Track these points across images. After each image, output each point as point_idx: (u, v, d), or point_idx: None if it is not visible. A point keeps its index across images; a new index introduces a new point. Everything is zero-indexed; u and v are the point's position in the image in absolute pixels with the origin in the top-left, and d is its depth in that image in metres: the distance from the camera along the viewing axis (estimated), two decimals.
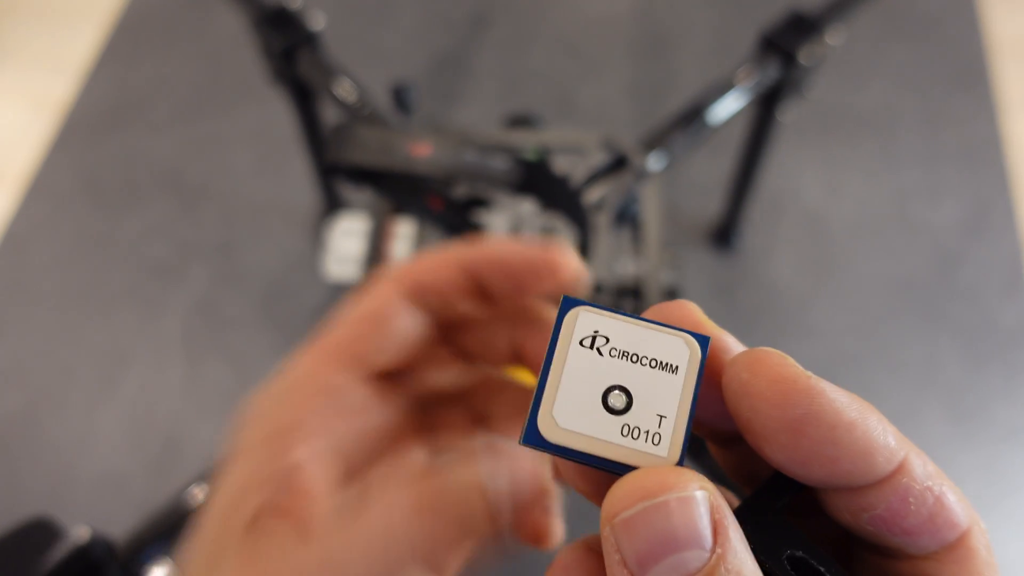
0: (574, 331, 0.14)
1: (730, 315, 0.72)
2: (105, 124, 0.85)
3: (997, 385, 0.68)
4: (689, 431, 0.14)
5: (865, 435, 0.13)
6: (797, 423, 0.13)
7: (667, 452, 0.14)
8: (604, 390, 0.14)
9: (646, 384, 0.14)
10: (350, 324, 0.21)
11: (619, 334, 0.14)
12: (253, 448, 0.20)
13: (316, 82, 0.54)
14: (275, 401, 0.21)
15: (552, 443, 0.14)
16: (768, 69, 0.54)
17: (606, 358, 0.14)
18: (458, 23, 0.92)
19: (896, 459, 0.13)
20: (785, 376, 0.14)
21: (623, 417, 0.14)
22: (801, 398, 0.13)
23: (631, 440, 0.14)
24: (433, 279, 0.21)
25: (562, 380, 0.14)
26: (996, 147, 0.81)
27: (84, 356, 0.70)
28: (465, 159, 0.37)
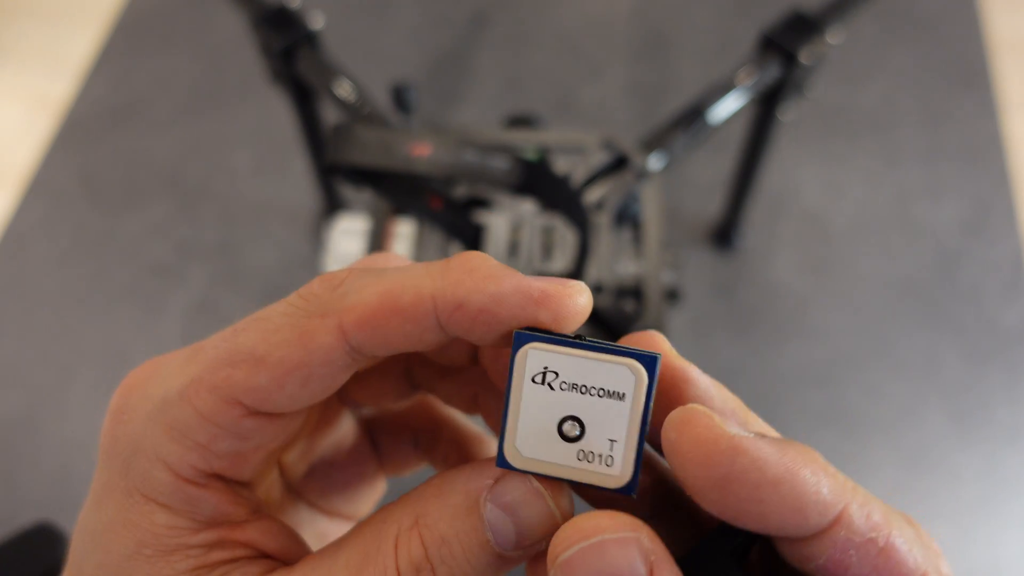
0: (525, 369, 0.15)
1: (730, 315, 0.72)
2: (105, 123, 0.85)
3: (998, 385, 0.68)
4: (640, 451, 0.15)
5: (793, 491, 0.13)
6: (721, 482, 0.14)
7: (619, 471, 0.15)
8: (559, 421, 0.15)
9: (596, 412, 0.15)
10: (260, 366, 0.16)
11: (568, 368, 0.15)
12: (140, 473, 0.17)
13: (316, 82, 0.54)
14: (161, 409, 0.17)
15: (519, 469, 0.15)
16: (769, 68, 0.54)
17: (557, 392, 0.15)
18: (458, 23, 0.92)
19: (831, 513, 0.14)
20: (707, 437, 0.14)
21: (578, 444, 0.15)
22: (723, 458, 0.14)
23: (587, 463, 0.15)
24: (389, 330, 0.16)
25: (520, 414, 0.15)
26: (997, 146, 0.81)
27: (84, 356, 0.70)
28: (465, 159, 0.37)
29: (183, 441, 0.16)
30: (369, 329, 0.15)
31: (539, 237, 0.46)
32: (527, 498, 0.15)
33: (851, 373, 0.68)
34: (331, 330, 0.16)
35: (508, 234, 0.46)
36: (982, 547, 0.61)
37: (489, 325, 0.15)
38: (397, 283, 0.16)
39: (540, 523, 0.15)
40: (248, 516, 0.18)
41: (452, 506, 0.15)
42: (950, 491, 0.63)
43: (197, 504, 0.17)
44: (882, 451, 0.65)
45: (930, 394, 0.68)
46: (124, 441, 0.17)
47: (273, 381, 0.16)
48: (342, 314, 0.16)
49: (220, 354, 0.16)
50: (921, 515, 0.62)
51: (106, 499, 0.17)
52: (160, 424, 0.16)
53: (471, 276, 0.15)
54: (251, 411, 0.16)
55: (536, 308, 0.15)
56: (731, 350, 0.70)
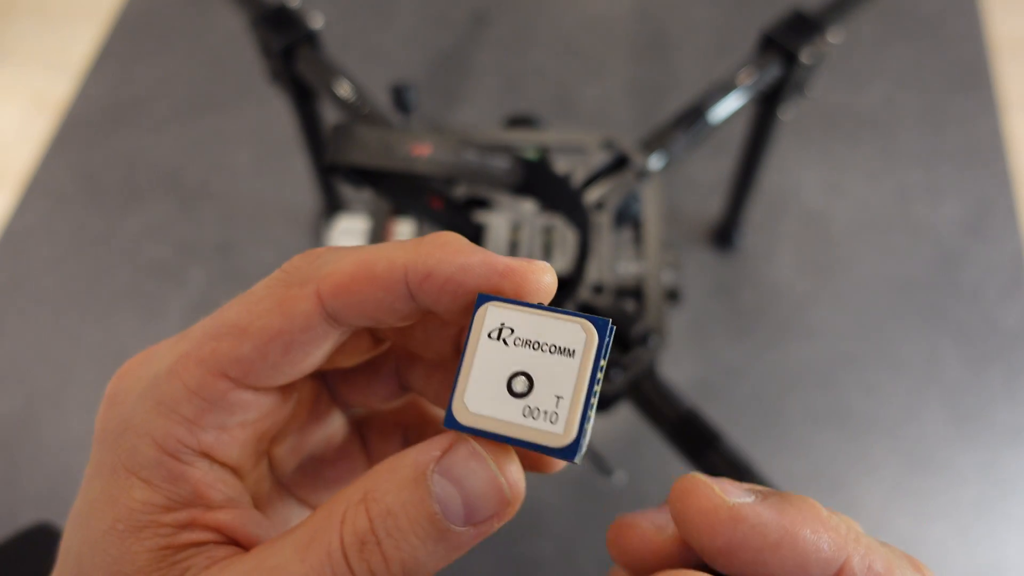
0: (484, 325, 0.16)
1: (730, 315, 0.72)
2: (104, 123, 0.85)
3: (998, 386, 0.68)
4: (586, 408, 0.15)
5: (794, 552, 0.14)
6: (725, 549, 0.14)
7: (563, 429, 0.15)
8: (509, 376, 0.15)
9: (546, 368, 0.15)
10: (243, 336, 0.17)
11: (523, 324, 0.16)
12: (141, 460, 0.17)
13: (315, 81, 0.54)
14: (152, 398, 0.17)
15: (465, 426, 0.15)
16: (769, 68, 0.54)
17: (511, 347, 0.16)
18: (458, 23, 0.92)
19: (832, 567, 0.14)
20: (708, 508, 0.15)
21: (525, 400, 0.15)
22: (724, 528, 0.15)
23: (531, 420, 0.15)
24: (363, 296, 0.16)
25: (472, 370, 0.16)
26: (997, 147, 0.81)
27: (83, 356, 0.70)
28: (465, 159, 0.37)
29: (171, 416, 0.17)
30: (345, 295, 0.16)
31: (539, 237, 0.46)
32: (473, 467, 0.15)
33: (851, 373, 0.68)
34: (309, 296, 0.16)
35: (508, 234, 0.46)
36: (982, 547, 0.61)
37: (455, 294, 0.16)
38: (372, 254, 0.17)
39: (486, 492, 0.15)
40: (223, 502, 0.17)
41: (400, 479, 0.15)
42: (951, 491, 0.63)
43: (177, 481, 0.17)
44: (883, 451, 0.65)
45: (930, 394, 0.67)
46: (115, 422, 0.17)
47: (256, 350, 0.16)
48: (319, 281, 0.16)
49: (206, 329, 0.17)
50: (921, 515, 0.62)
51: (94, 478, 0.17)
52: (149, 400, 0.17)
53: (442, 249, 0.16)
54: (237, 383, 0.17)
55: (500, 279, 0.16)
56: (731, 350, 0.70)
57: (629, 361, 0.42)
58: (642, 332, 0.42)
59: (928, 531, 0.61)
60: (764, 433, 0.64)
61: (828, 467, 0.64)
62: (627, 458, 0.63)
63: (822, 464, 0.64)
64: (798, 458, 0.63)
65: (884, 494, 0.63)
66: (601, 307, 0.43)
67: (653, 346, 0.42)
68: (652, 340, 0.42)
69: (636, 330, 0.42)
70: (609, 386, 0.41)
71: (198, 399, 0.17)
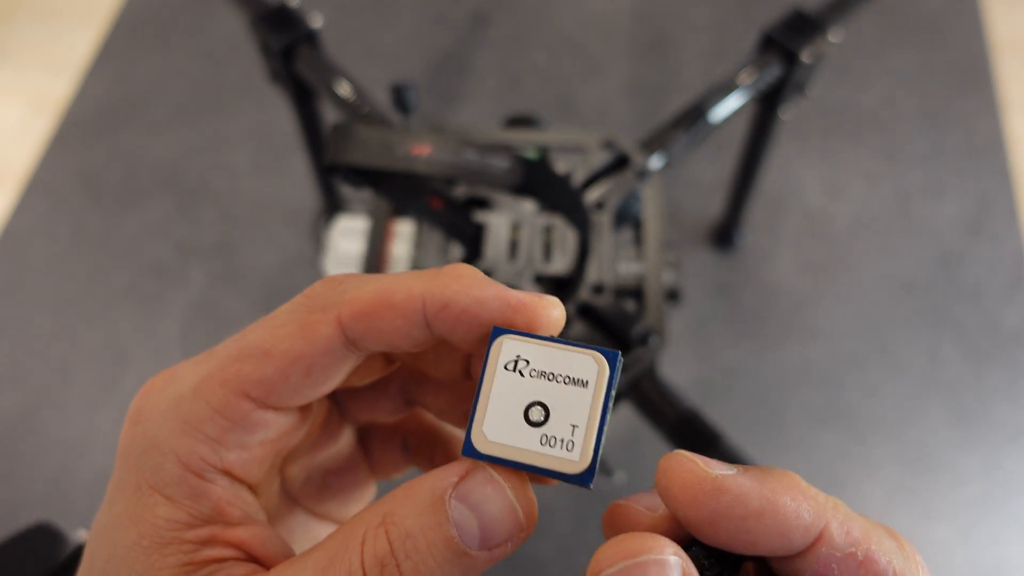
0: (500, 357, 0.17)
1: (730, 315, 0.71)
2: (104, 123, 0.85)
3: (999, 386, 0.68)
4: (600, 436, 0.16)
5: (775, 519, 0.15)
6: (710, 518, 0.15)
7: (579, 456, 0.16)
8: (526, 406, 0.16)
9: (561, 398, 0.16)
10: (267, 359, 0.17)
11: (538, 356, 0.17)
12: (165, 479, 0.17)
13: (315, 81, 0.54)
14: (176, 419, 0.17)
15: (484, 454, 0.16)
16: (770, 68, 0.54)
17: (527, 378, 0.16)
18: (458, 22, 0.92)
19: (812, 533, 0.15)
20: (692, 480, 0.16)
21: (542, 428, 0.16)
22: (708, 499, 0.15)
23: (549, 448, 0.16)
24: (382, 323, 0.17)
25: (490, 400, 0.16)
26: (998, 146, 0.81)
27: (83, 356, 0.70)
28: (465, 159, 0.37)
29: (195, 434, 0.17)
30: (365, 322, 0.17)
31: (539, 237, 0.46)
32: (489, 492, 0.16)
33: (852, 373, 0.68)
34: (330, 322, 0.17)
35: (508, 234, 0.46)
36: (983, 546, 0.60)
37: (470, 325, 0.17)
38: (392, 283, 0.17)
39: (502, 518, 0.16)
40: (242, 519, 0.18)
41: (419, 503, 0.16)
42: (951, 490, 0.63)
43: (199, 499, 0.17)
44: (883, 451, 0.65)
45: (931, 394, 0.67)
46: (140, 440, 0.18)
47: (278, 372, 0.17)
48: (341, 307, 0.17)
49: (230, 352, 0.18)
50: (923, 515, 0.62)
51: (117, 496, 0.18)
52: (174, 420, 0.17)
53: (458, 281, 0.17)
54: (259, 404, 0.18)
55: (513, 313, 0.17)
56: (731, 350, 0.69)
57: (629, 361, 0.42)
58: (642, 332, 0.42)
59: (929, 531, 0.61)
60: (764, 433, 0.64)
61: (829, 467, 0.63)
62: (627, 458, 0.63)
63: (823, 464, 0.64)
64: (798, 458, 0.63)
65: (885, 494, 0.63)
66: (601, 307, 0.43)
67: (653, 346, 0.42)
68: (652, 340, 0.42)
69: (636, 330, 0.42)
70: None
71: (221, 418, 0.17)
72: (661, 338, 0.43)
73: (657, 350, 0.42)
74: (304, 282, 0.79)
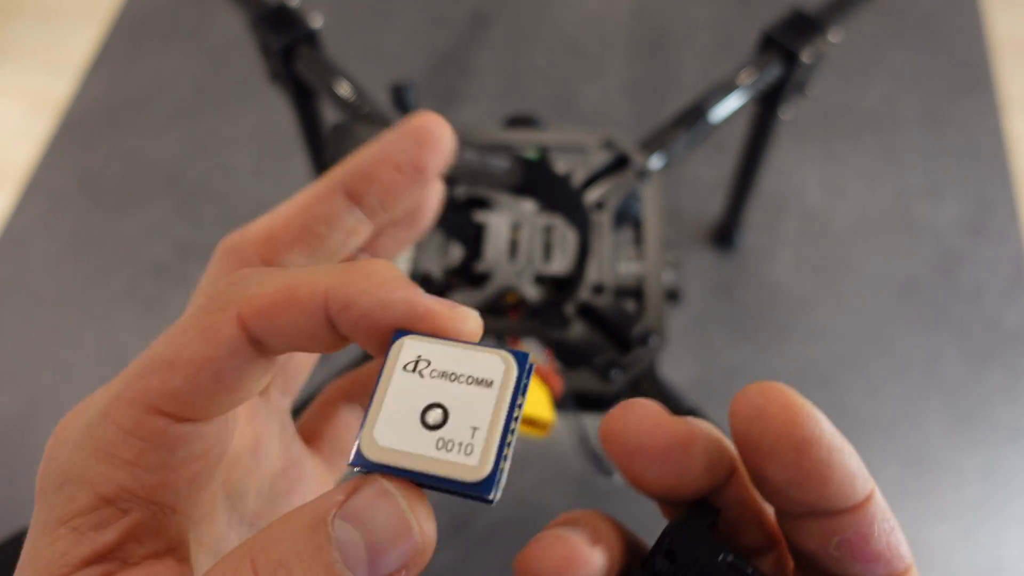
0: (399, 358, 0.15)
1: (730, 315, 0.71)
2: (104, 123, 0.85)
3: (999, 386, 0.68)
4: (504, 442, 0.14)
5: (851, 460, 0.15)
6: (803, 443, 0.15)
7: (478, 461, 0.14)
8: (423, 409, 0.15)
9: (462, 400, 0.15)
10: (172, 369, 0.16)
11: (440, 357, 0.15)
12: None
13: (315, 81, 0.54)
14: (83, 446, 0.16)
15: (373, 462, 0.14)
16: (770, 68, 0.54)
17: (427, 379, 0.15)
18: (458, 22, 0.92)
19: (870, 486, 0.15)
20: (794, 403, 0.15)
21: (439, 432, 0.15)
22: (808, 421, 0.15)
23: (445, 452, 0.14)
24: (285, 322, 0.16)
25: (384, 403, 0.15)
26: (998, 146, 0.81)
27: (83, 356, 0.70)
28: (465, 159, 0.37)
29: (110, 460, 0.16)
30: (266, 319, 0.16)
31: (539, 237, 0.46)
32: (376, 501, 0.14)
33: (852, 373, 0.68)
34: (230, 320, 0.16)
35: (508, 234, 0.46)
36: (983, 546, 0.60)
37: (371, 329, 0.15)
38: (297, 278, 0.16)
39: (393, 534, 0.14)
40: (144, 557, 0.16)
41: (296, 528, 0.14)
42: (951, 491, 0.63)
43: (105, 529, 0.16)
44: (883, 451, 0.65)
45: (931, 394, 0.67)
46: (53, 475, 0.16)
47: (187, 382, 0.16)
48: (241, 304, 0.16)
49: (135, 368, 0.16)
50: (923, 515, 0.62)
51: (28, 538, 0.16)
52: (87, 448, 0.16)
53: (367, 280, 0.15)
54: (174, 418, 0.16)
55: (418, 321, 0.15)
56: (731, 350, 0.69)
57: (629, 361, 0.42)
58: (642, 332, 0.42)
59: (929, 531, 0.61)
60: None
61: None
62: None
63: None
64: None
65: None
66: (601, 307, 0.43)
67: (653, 346, 0.42)
68: (652, 340, 0.42)
69: (636, 330, 0.42)
70: (609, 386, 0.41)
71: (135, 440, 0.16)
72: (661, 338, 0.43)
73: (657, 350, 0.42)
74: None
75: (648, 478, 0.16)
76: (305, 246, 0.20)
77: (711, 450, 0.16)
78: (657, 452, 0.16)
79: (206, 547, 0.19)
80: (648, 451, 0.16)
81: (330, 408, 0.25)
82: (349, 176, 0.20)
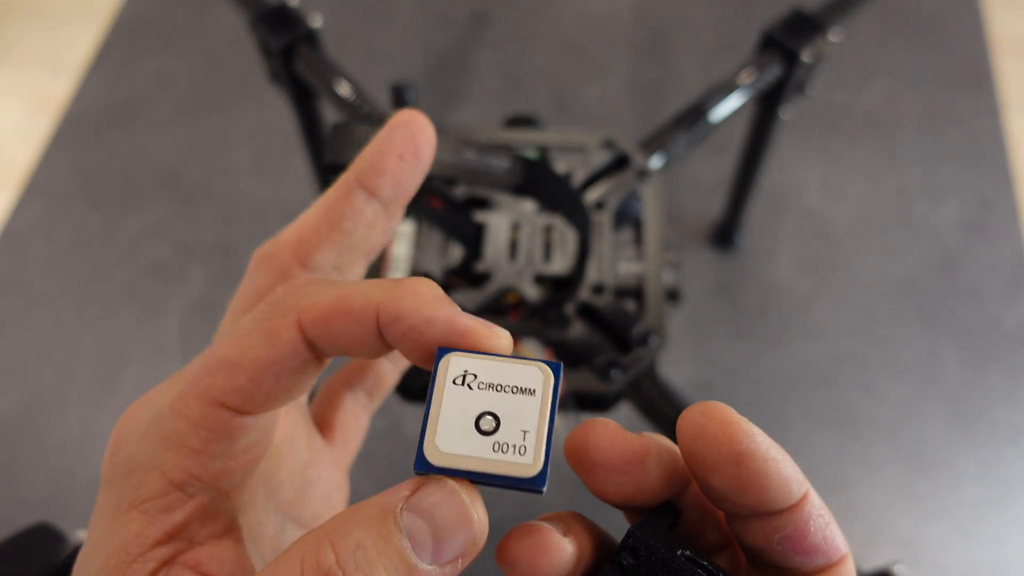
0: (448, 373, 0.17)
1: (731, 315, 0.71)
2: (104, 123, 0.85)
3: (999, 386, 0.68)
4: (548, 444, 0.17)
5: (785, 468, 0.17)
6: (741, 456, 0.17)
7: (532, 459, 0.16)
8: (476, 416, 0.17)
9: (510, 407, 0.17)
10: (237, 369, 0.18)
11: (485, 370, 0.17)
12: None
13: (315, 81, 0.54)
14: (152, 434, 0.18)
15: (437, 466, 0.16)
16: (770, 67, 0.54)
17: (476, 391, 0.17)
18: (458, 22, 0.92)
19: (804, 488, 0.17)
20: (731, 420, 0.17)
21: (493, 436, 0.17)
22: (744, 437, 0.17)
23: (502, 454, 0.16)
24: (340, 329, 0.17)
25: (441, 414, 0.17)
26: (999, 146, 0.81)
27: (82, 356, 0.70)
28: (465, 159, 0.37)
29: (179, 449, 0.17)
30: (323, 326, 0.17)
31: (539, 237, 0.46)
32: (442, 498, 0.16)
33: (852, 373, 0.68)
34: (291, 326, 0.18)
35: (508, 234, 0.46)
36: (984, 547, 0.60)
37: (416, 342, 0.17)
38: (351, 290, 0.18)
39: (457, 525, 0.16)
40: (209, 536, 0.18)
41: (366, 517, 0.15)
42: (951, 491, 0.63)
43: (173, 512, 0.17)
44: (883, 451, 0.65)
45: (931, 394, 0.67)
46: (123, 463, 0.18)
47: (250, 380, 0.17)
48: (301, 312, 0.18)
49: (201, 367, 0.18)
50: (922, 515, 0.62)
51: (96, 522, 0.18)
52: (155, 439, 0.18)
53: (414, 297, 0.17)
54: (236, 411, 0.18)
55: (459, 338, 0.17)
56: (732, 350, 0.69)
57: (629, 361, 0.42)
58: (642, 332, 0.42)
59: (929, 532, 0.61)
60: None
61: (828, 467, 0.63)
62: None
63: (822, 464, 0.63)
64: (798, 458, 0.63)
65: (885, 494, 0.63)
66: (601, 307, 0.43)
67: (653, 346, 0.42)
68: (652, 340, 0.42)
69: (636, 330, 0.42)
70: (609, 386, 0.41)
71: (203, 430, 0.18)
72: (661, 338, 0.43)
73: (657, 350, 0.42)
74: None
75: (610, 489, 0.18)
76: (333, 243, 0.22)
77: (665, 462, 0.18)
78: (616, 466, 0.17)
79: (246, 531, 0.20)
80: (608, 465, 0.18)
81: (335, 398, 0.27)
82: (361, 172, 0.23)
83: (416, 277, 0.18)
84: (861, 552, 0.59)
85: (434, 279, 0.45)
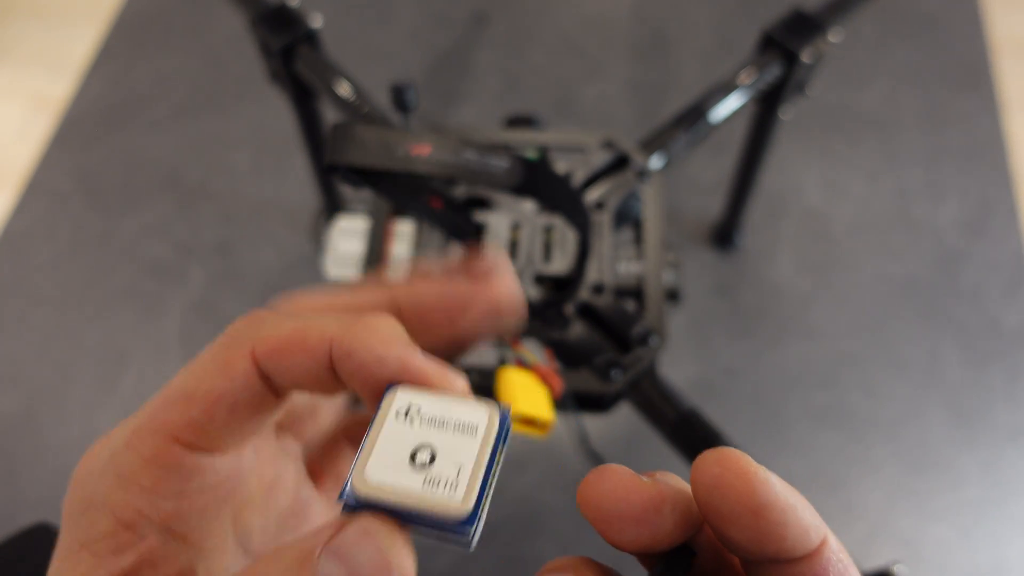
0: (392, 405, 0.17)
1: (731, 315, 0.71)
2: (103, 123, 0.85)
3: (999, 386, 0.68)
4: (485, 484, 0.16)
5: (804, 516, 0.16)
6: (760, 508, 0.16)
7: (461, 497, 0.15)
8: (412, 450, 0.16)
9: (449, 444, 0.16)
10: (190, 401, 0.17)
11: (430, 406, 0.17)
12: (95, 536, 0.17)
13: (315, 81, 0.54)
14: (109, 475, 0.18)
15: (363, 495, 0.15)
16: (770, 67, 0.54)
17: (416, 425, 0.16)
18: (458, 22, 0.92)
19: (822, 534, 0.17)
20: (748, 471, 0.16)
21: (426, 471, 0.16)
22: (761, 488, 0.16)
23: (432, 489, 0.16)
24: (293, 362, 0.17)
25: (377, 444, 0.16)
26: (998, 146, 0.81)
27: (83, 356, 0.70)
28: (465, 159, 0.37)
29: (129, 487, 0.17)
30: (277, 357, 0.17)
31: (539, 237, 0.46)
32: (359, 540, 0.15)
33: (852, 373, 0.68)
34: (245, 356, 0.17)
35: (508, 234, 0.46)
36: (984, 547, 0.60)
37: (367, 380, 0.17)
38: (309, 324, 0.17)
39: (372, 568, 0.15)
40: None
41: (284, 563, 0.15)
42: (952, 491, 0.63)
43: (123, 553, 0.17)
44: (883, 451, 0.65)
45: (932, 394, 0.67)
46: (78, 501, 0.17)
47: (203, 413, 0.17)
48: (256, 343, 0.17)
49: (156, 401, 0.17)
50: (923, 515, 0.62)
51: (53, 562, 0.17)
52: (109, 476, 0.17)
53: (369, 334, 0.17)
54: (190, 447, 0.17)
55: (410, 380, 0.17)
56: (732, 350, 0.69)
57: (629, 361, 0.42)
58: (642, 332, 0.42)
59: (929, 531, 0.61)
60: (764, 433, 0.64)
61: (828, 467, 0.63)
62: (627, 458, 0.63)
63: (823, 464, 0.63)
64: (798, 458, 0.63)
65: (885, 494, 0.63)
66: (601, 307, 0.43)
67: (653, 346, 0.42)
68: (652, 340, 0.42)
69: (636, 330, 0.42)
70: (609, 386, 0.41)
71: (155, 467, 0.17)
72: (661, 338, 0.43)
73: (657, 350, 0.42)
74: (303, 282, 0.79)
75: (626, 538, 0.17)
76: None
77: (680, 508, 0.18)
78: (632, 516, 0.17)
79: None
80: (623, 516, 0.17)
81: (334, 448, 0.26)
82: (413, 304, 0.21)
83: (379, 314, 0.18)
84: (861, 552, 0.59)
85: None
